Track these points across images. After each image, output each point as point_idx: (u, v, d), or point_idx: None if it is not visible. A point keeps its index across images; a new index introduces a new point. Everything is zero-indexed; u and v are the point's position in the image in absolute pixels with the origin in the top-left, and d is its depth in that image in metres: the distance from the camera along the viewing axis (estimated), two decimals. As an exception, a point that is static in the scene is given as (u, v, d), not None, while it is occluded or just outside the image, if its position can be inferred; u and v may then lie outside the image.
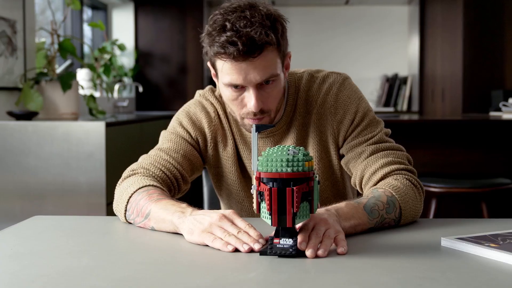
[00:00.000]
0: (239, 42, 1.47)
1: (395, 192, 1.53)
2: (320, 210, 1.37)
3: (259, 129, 1.34)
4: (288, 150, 1.23)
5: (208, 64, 1.63)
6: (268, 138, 1.76)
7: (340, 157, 1.77)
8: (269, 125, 1.37)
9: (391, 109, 6.59)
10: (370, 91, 7.02)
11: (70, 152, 3.16)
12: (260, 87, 1.56)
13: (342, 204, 1.43)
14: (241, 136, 1.79)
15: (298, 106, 1.74)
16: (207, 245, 1.31)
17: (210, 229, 1.31)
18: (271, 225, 1.22)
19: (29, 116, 3.36)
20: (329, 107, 1.73)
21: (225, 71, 1.55)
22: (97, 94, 5.28)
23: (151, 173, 1.66)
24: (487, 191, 3.51)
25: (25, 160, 3.17)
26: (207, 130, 1.78)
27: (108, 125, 3.21)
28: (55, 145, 3.17)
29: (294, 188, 1.20)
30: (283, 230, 1.24)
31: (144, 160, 1.72)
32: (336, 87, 1.74)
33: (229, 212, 1.35)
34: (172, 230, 1.43)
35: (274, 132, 1.75)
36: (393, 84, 6.73)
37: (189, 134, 1.77)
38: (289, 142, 1.73)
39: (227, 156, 1.80)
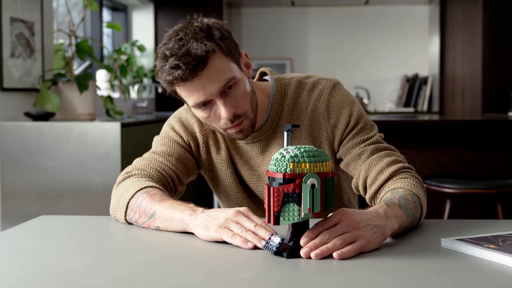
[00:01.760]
0: (181, 64, 1.48)
1: (415, 190, 1.52)
2: (369, 209, 1.35)
3: (288, 128, 1.32)
4: (285, 150, 1.24)
5: (174, 95, 1.63)
6: (254, 144, 1.76)
7: (337, 161, 1.77)
8: (296, 125, 1.34)
9: (411, 109, 6.55)
10: (390, 91, 6.98)
11: (86, 153, 3.19)
12: (224, 95, 1.56)
13: (383, 205, 1.39)
14: (232, 141, 1.79)
15: (284, 112, 1.74)
16: (216, 242, 1.33)
17: (226, 224, 1.32)
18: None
19: (46, 116, 3.40)
20: (321, 113, 1.73)
21: (185, 95, 1.57)
22: (116, 95, 5.32)
23: (146, 173, 1.67)
24: (502, 192, 3.47)
25: (42, 161, 3.21)
26: (198, 135, 1.79)
27: (123, 125, 3.23)
28: (71, 145, 3.20)
29: (274, 187, 1.22)
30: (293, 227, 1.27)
31: (139, 162, 1.73)
32: (327, 92, 1.74)
33: (244, 209, 1.37)
34: (180, 229, 1.44)
35: (259, 137, 1.74)
36: (413, 84, 6.69)
37: (182, 138, 1.78)
38: (275, 148, 1.73)
39: (220, 160, 1.80)
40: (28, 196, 3.23)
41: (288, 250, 1.23)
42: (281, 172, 1.22)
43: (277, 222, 1.22)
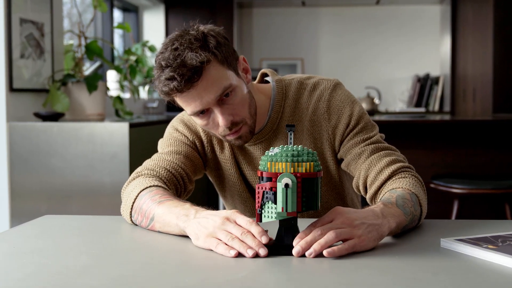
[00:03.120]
0: (176, 75, 1.48)
1: (413, 189, 1.52)
2: (365, 209, 1.35)
3: (291, 129, 1.33)
4: (271, 149, 1.27)
5: (172, 103, 1.63)
6: (256, 145, 1.76)
7: (339, 161, 1.77)
8: (290, 124, 1.35)
9: (422, 109, 6.53)
10: (401, 91, 6.96)
11: (95, 153, 3.21)
12: (222, 103, 1.57)
13: (380, 205, 1.40)
14: None
15: (285, 113, 1.74)
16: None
17: (214, 233, 1.30)
18: None
19: (55, 117, 3.42)
20: (322, 114, 1.73)
21: (183, 104, 1.58)
22: (126, 95, 5.33)
23: (155, 173, 1.67)
24: (510, 192, 3.45)
25: (50, 161, 3.23)
26: (202, 134, 1.80)
27: (132, 126, 3.24)
28: (79, 146, 3.21)
29: (257, 185, 1.25)
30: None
31: (148, 162, 1.73)
32: (328, 93, 1.73)
33: (231, 213, 1.34)
34: (178, 233, 1.43)
35: (261, 139, 1.75)
36: (424, 84, 6.67)
37: (186, 137, 1.79)
38: None
39: (225, 159, 1.81)
40: (37, 196, 3.25)
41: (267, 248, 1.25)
42: (260, 170, 1.26)
43: (260, 219, 1.25)
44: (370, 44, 7.01)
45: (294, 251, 1.22)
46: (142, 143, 3.36)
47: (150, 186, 1.59)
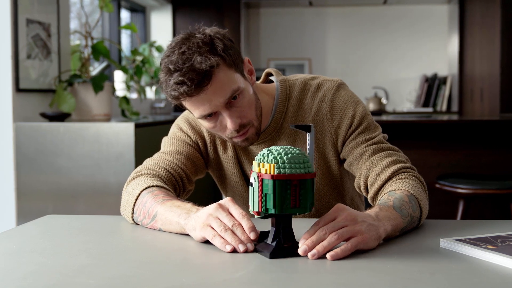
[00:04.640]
0: (186, 80, 1.48)
1: (412, 191, 1.51)
2: (363, 213, 1.35)
3: (309, 129, 1.34)
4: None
5: (180, 107, 1.64)
6: (259, 145, 1.77)
7: (341, 161, 1.77)
8: (299, 125, 1.36)
9: (430, 109, 6.51)
10: (409, 91, 6.95)
11: (100, 153, 3.22)
12: (230, 105, 1.57)
13: (375, 209, 1.40)
14: None
15: (288, 113, 1.75)
16: (209, 242, 1.33)
17: (207, 221, 1.33)
18: None
19: (61, 117, 3.43)
20: (325, 114, 1.73)
21: (191, 108, 1.58)
22: (134, 96, 5.35)
23: (155, 173, 1.68)
24: (515, 193, 3.44)
25: (57, 161, 3.24)
26: (205, 134, 1.81)
27: (137, 126, 3.25)
28: (85, 146, 3.23)
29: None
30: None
31: (148, 162, 1.75)
32: (331, 93, 1.74)
33: (225, 200, 1.36)
34: (179, 232, 1.45)
35: (264, 139, 1.75)
36: (432, 84, 6.65)
37: (190, 137, 1.80)
38: None
39: (227, 159, 1.81)
40: (43, 196, 3.26)
41: (271, 250, 1.24)
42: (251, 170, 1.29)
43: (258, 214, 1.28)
44: (378, 44, 7.00)
45: (300, 250, 1.23)
46: (148, 143, 3.37)
47: (152, 186, 1.60)
